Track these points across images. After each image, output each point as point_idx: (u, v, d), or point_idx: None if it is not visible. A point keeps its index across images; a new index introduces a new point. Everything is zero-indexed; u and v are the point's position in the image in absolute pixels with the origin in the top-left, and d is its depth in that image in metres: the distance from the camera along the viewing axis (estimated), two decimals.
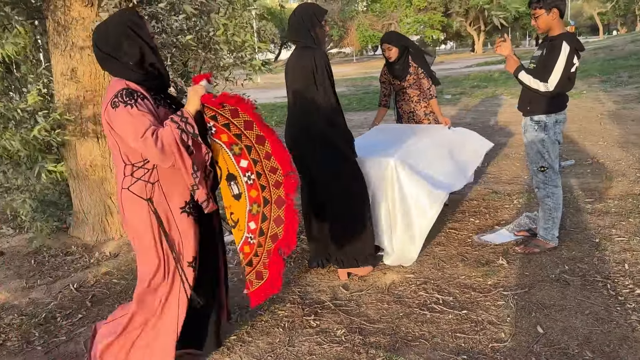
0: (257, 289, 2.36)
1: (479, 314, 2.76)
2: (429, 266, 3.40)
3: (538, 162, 3.37)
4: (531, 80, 3.20)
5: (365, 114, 10.73)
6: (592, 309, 2.72)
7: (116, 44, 2.10)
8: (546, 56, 3.20)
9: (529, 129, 3.38)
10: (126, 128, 2.03)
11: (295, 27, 3.12)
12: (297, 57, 3.10)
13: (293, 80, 3.10)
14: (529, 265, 3.28)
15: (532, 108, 3.32)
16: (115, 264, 3.79)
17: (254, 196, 2.29)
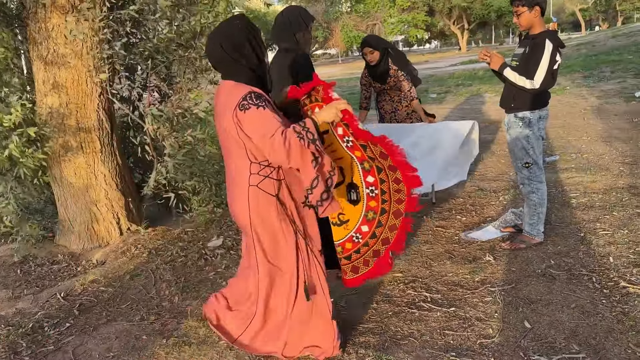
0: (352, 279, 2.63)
1: (467, 311, 2.79)
2: (417, 264, 3.42)
3: (522, 159, 3.40)
4: (517, 77, 3.23)
5: None
6: (578, 302, 2.75)
7: (240, 48, 2.18)
8: (529, 54, 3.23)
9: (512, 125, 3.41)
10: (257, 128, 2.11)
11: (280, 28, 3.10)
12: (279, 60, 3.08)
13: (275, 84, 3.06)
14: (515, 261, 3.31)
15: (516, 105, 3.35)
16: (103, 271, 3.76)
17: (373, 206, 2.53)
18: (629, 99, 8.76)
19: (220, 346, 2.66)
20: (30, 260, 4.09)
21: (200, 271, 3.62)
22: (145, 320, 3.02)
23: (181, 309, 3.11)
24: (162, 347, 2.70)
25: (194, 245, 4.03)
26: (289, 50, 3.06)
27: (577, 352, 2.35)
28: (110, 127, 4.18)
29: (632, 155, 5.38)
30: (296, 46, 3.07)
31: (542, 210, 3.45)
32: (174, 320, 2.98)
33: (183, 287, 3.40)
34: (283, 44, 3.11)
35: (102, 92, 4.03)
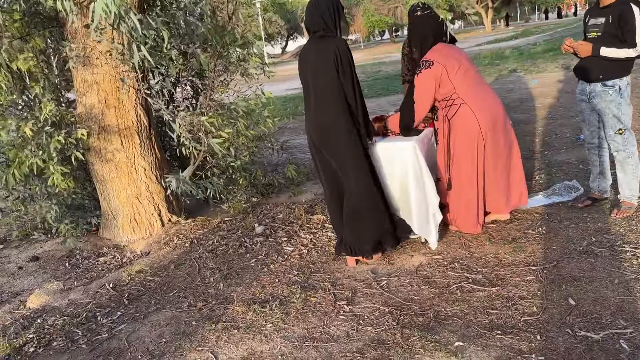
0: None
1: (509, 290, 2.80)
2: (456, 246, 3.43)
3: (615, 126, 3.40)
4: (618, 51, 3.22)
5: (377, 100, 10.71)
6: (622, 278, 2.74)
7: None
8: (618, 22, 3.20)
9: (601, 95, 3.39)
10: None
11: (320, 19, 3.03)
12: (317, 46, 3.05)
13: (315, 71, 3.05)
14: (555, 240, 3.29)
15: (606, 74, 3.34)
16: (148, 262, 3.89)
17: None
18: None
19: (267, 329, 2.74)
20: (77, 254, 4.25)
21: (242, 258, 3.71)
22: (193, 306, 3.13)
23: (227, 294, 3.21)
24: (212, 332, 2.79)
25: (233, 234, 4.13)
26: (326, 37, 3.03)
27: (624, 328, 2.34)
28: (147, 122, 4.29)
29: None
30: (337, 33, 3.06)
31: (639, 173, 3.48)
32: (221, 305, 3.08)
33: (227, 274, 3.49)
34: (320, 31, 3.05)
35: (138, 88, 4.13)
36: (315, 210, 4.40)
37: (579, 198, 3.86)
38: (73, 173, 4.22)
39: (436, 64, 3.30)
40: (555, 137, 5.69)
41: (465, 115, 3.30)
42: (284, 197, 4.94)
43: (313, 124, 3.15)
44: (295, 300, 3.01)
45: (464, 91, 3.31)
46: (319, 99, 3.07)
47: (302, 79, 3.17)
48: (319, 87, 3.05)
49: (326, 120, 3.07)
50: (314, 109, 3.11)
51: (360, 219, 3.20)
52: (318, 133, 3.12)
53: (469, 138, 3.32)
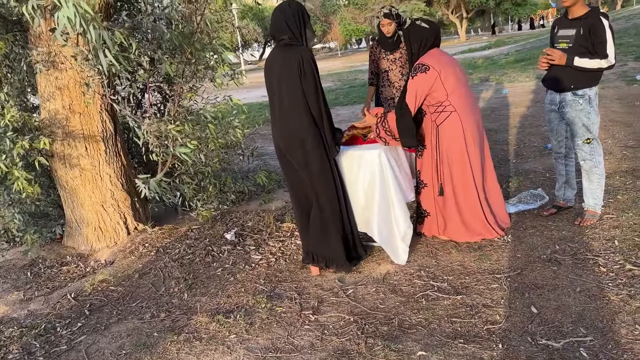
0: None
1: (473, 298, 2.81)
2: (423, 254, 3.44)
3: (584, 135, 3.45)
4: (591, 62, 3.28)
5: (352, 108, 10.75)
6: (584, 286, 2.77)
7: None
8: (589, 34, 3.27)
9: (571, 104, 3.43)
10: None
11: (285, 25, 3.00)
12: (282, 55, 3.01)
13: (279, 79, 3.01)
14: (520, 247, 3.33)
15: (577, 84, 3.39)
16: (112, 271, 3.80)
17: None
18: (630, 82, 8.73)
19: (230, 340, 2.70)
20: (40, 263, 4.13)
21: (208, 267, 3.65)
22: (156, 317, 3.06)
23: (191, 305, 3.15)
24: (174, 344, 2.74)
25: (200, 243, 4.06)
26: (292, 45, 2.99)
27: (584, 336, 2.37)
28: (113, 128, 4.21)
29: (635, 139, 5.37)
30: (301, 41, 3.02)
31: (603, 183, 3.54)
32: (184, 316, 3.02)
33: (192, 284, 3.43)
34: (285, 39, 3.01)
35: (104, 94, 4.05)
36: (285, 218, 4.37)
37: (544, 206, 3.91)
38: (37, 179, 4.11)
39: (432, 69, 3.27)
40: (523, 146, 5.78)
41: (454, 123, 3.32)
42: (254, 205, 4.90)
43: (279, 132, 3.12)
44: (260, 310, 2.97)
45: (456, 100, 3.33)
46: (284, 108, 3.04)
47: (268, 87, 3.13)
48: (283, 95, 3.02)
49: (291, 128, 3.04)
50: (280, 117, 3.09)
51: (325, 232, 3.19)
52: (285, 141, 3.09)
53: (459, 144, 3.36)
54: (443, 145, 3.38)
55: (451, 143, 3.36)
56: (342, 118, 9.41)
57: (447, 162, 3.39)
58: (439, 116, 3.36)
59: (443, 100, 3.32)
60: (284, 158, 3.17)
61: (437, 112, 3.36)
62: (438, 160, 3.43)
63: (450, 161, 3.39)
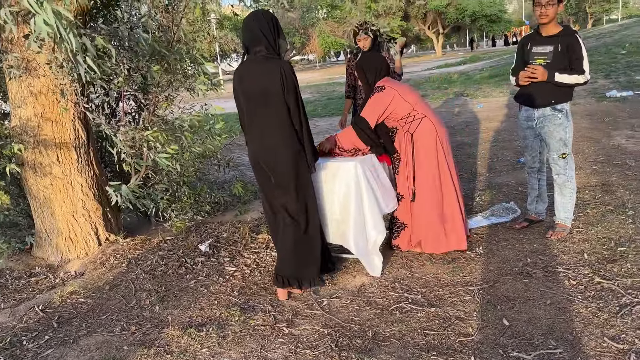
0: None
1: (446, 311, 2.83)
2: (398, 266, 3.45)
3: (560, 150, 3.52)
4: (570, 78, 3.37)
5: (330, 120, 10.80)
6: (555, 299, 2.81)
7: None
8: (567, 51, 3.36)
9: (551, 118, 3.50)
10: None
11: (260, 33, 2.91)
12: (262, 67, 2.90)
13: (261, 92, 2.90)
14: (493, 260, 3.36)
15: (556, 99, 3.46)
16: (82, 282, 3.71)
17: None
18: (600, 99, 8.97)
19: (202, 354, 2.65)
20: (7, 274, 4.01)
21: (181, 279, 3.60)
22: (126, 330, 3.00)
23: (162, 317, 3.09)
24: (144, 357, 2.68)
25: (173, 254, 4.01)
26: (270, 58, 2.91)
27: (554, 348, 2.40)
28: (86, 137, 4.14)
29: (604, 154, 5.51)
30: (276, 53, 2.95)
31: (575, 197, 3.62)
32: (155, 329, 2.96)
33: (164, 296, 3.38)
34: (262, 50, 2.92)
35: (77, 102, 3.99)
36: (260, 230, 4.35)
37: (516, 219, 3.97)
38: (6, 188, 4.01)
39: (388, 89, 3.44)
40: (496, 160, 5.87)
41: (427, 126, 3.41)
42: (229, 216, 4.86)
43: (260, 147, 3.00)
44: (233, 323, 2.94)
45: (422, 108, 3.46)
46: (265, 122, 2.94)
47: (244, 101, 2.99)
48: (264, 109, 2.92)
49: (274, 143, 2.95)
50: (260, 132, 2.98)
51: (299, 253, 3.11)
52: (266, 157, 2.98)
53: (433, 147, 3.42)
54: (419, 150, 3.43)
55: (428, 145, 3.41)
56: (320, 130, 9.45)
57: (425, 165, 3.43)
58: (411, 125, 3.44)
59: (410, 111, 3.43)
60: (262, 173, 3.07)
61: (409, 123, 3.44)
62: (414, 167, 3.46)
63: (428, 164, 3.42)
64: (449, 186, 3.47)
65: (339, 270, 3.46)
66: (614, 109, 8.05)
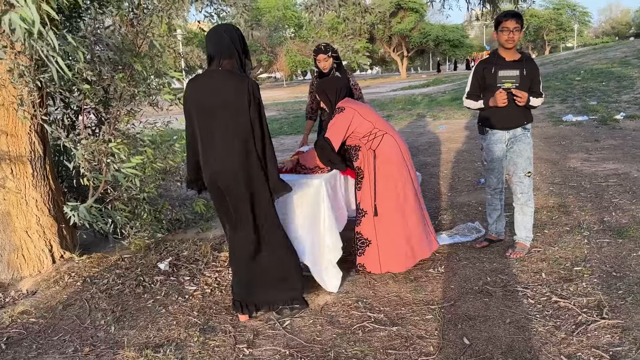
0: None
1: (408, 330, 2.83)
2: (361, 285, 3.45)
3: (527, 168, 3.64)
4: (537, 100, 3.56)
5: (296, 138, 10.81)
6: (514, 317, 2.85)
7: None
8: (532, 74, 3.54)
9: (522, 137, 3.63)
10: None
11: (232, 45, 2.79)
12: (225, 82, 2.77)
13: (224, 109, 2.76)
14: (454, 279, 3.40)
15: (527, 119, 3.64)
16: (33, 302, 3.56)
17: None
18: (556, 122, 9.30)
19: None
20: None
21: (138, 299, 3.49)
22: (79, 351, 2.87)
23: (117, 338, 2.98)
24: None
25: (131, 272, 3.89)
26: (234, 73, 2.81)
27: None
28: (43, 151, 4.01)
29: (561, 176, 5.69)
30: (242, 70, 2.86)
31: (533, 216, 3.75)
32: (110, 350, 2.85)
33: (120, 316, 3.26)
34: (226, 64, 2.81)
35: (35, 115, 3.87)
36: (222, 248, 4.27)
37: (479, 239, 4.03)
38: None
39: (348, 109, 3.49)
40: (458, 180, 5.98)
41: (389, 142, 3.46)
42: (191, 233, 4.77)
43: (220, 169, 2.83)
44: (192, 344, 2.86)
45: (382, 126, 3.52)
46: (226, 142, 2.79)
47: (201, 116, 2.82)
48: (226, 127, 2.77)
49: (236, 165, 2.80)
50: (220, 153, 2.81)
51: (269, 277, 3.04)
52: (225, 178, 2.83)
53: (396, 162, 3.45)
54: (381, 165, 3.44)
55: (390, 160, 3.44)
56: (286, 147, 9.44)
57: (387, 180, 3.43)
58: (373, 142, 3.47)
59: (371, 129, 3.48)
60: (220, 195, 2.91)
61: (370, 140, 3.47)
62: (375, 181, 3.46)
63: (391, 178, 3.44)
64: (413, 200, 3.50)
65: None
66: (570, 132, 8.36)
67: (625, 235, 3.84)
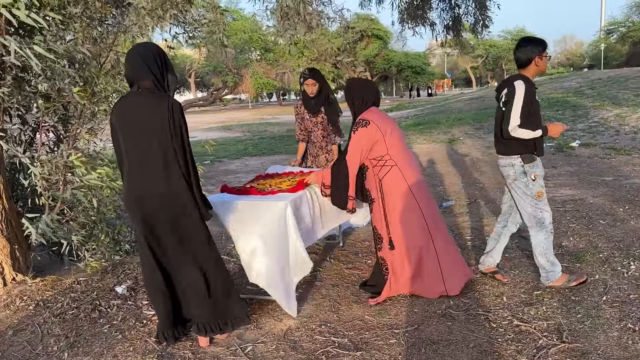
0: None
1: (372, 354, 2.80)
2: (325, 308, 3.41)
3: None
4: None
5: (261, 159, 10.79)
6: (477, 341, 2.87)
7: None
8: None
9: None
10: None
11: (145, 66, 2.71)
12: (145, 102, 2.71)
13: (144, 131, 2.68)
14: (417, 302, 3.40)
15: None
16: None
17: None
18: None
19: None
20: None
21: (94, 324, 3.35)
22: None
23: None
24: None
25: (87, 296, 3.74)
26: (156, 94, 2.74)
27: None
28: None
29: None
30: (165, 89, 2.79)
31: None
32: None
33: (74, 342, 3.12)
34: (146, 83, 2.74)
35: None
36: None
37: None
38: None
39: (372, 124, 3.35)
40: None
41: (396, 176, 3.36)
42: None
43: (140, 190, 2.74)
44: None
45: (395, 153, 3.38)
46: (147, 163, 2.71)
47: (123, 138, 2.74)
48: (146, 149, 2.69)
49: (162, 189, 2.71)
50: (141, 175, 2.73)
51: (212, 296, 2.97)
52: (146, 201, 2.74)
53: (402, 195, 3.35)
54: (388, 199, 3.39)
55: (396, 197, 3.37)
56: (251, 168, 9.40)
57: (396, 215, 3.37)
58: (380, 170, 3.40)
59: (383, 154, 3.37)
60: (143, 222, 2.79)
61: (379, 166, 3.40)
62: (386, 213, 3.41)
63: (396, 212, 3.37)
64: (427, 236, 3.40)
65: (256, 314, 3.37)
66: None
67: (582, 259, 3.95)
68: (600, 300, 3.26)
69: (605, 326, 2.93)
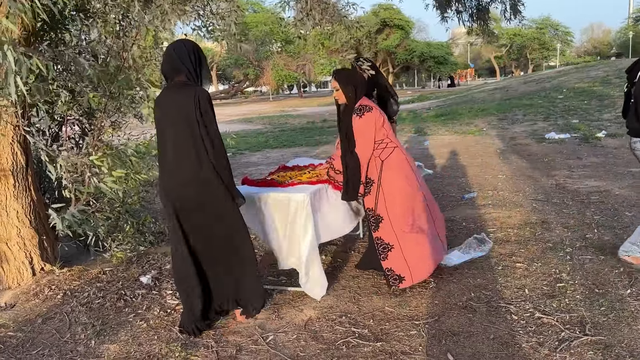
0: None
1: (392, 345, 2.82)
2: (345, 300, 3.43)
3: None
4: None
5: (282, 151, 10.83)
6: (497, 333, 2.86)
7: None
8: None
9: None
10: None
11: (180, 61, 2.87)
12: (177, 94, 2.84)
13: (174, 121, 2.83)
14: (438, 294, 3.40)
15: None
16: (12, 315, 3.48)
17: None
18: (539, 140, 9.43)
19: None
20: None
21: (119, 313, 3.43)
22: None
23: (98, 353, 2.93)
24: None
25: (112, 286, 3.83)
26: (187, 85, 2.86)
27: None
28: (25, 161, 3.96)
29: (544, 193, 5.75)
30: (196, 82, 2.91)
31: None
32: None
33: (100, 330, 3.21)
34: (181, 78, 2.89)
35: (17, 125, 3.82)
36: None
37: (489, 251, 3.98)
38: None
39: (375, 109, 3.50)
40: (442, 195, 6.02)
41: (398, 157, 3.49)
42: None
43: (173, 180, 2.88)
44: (173, 359, 2.81)
45: (393, 138, 3.55)
46: (179, 153, 2.84)
47: (159, 131, 2.93)
48: (178, 139, 2.82)
49: (187, 176, 2.84)
50: (174, 164, 2.87)
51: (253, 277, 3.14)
52: (179, 191, 2.87)
53: (407, 175, 3.49)
54: (387, 179, 3.45)
55: (398, 176, 3.47)
56: (271, 160, 9.45)
57: (394, 195, 3.46)
58: (382, 152, 3.49)
59: (384, 138, 3.50)
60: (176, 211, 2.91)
61: (381, 149, 3.49)
62: (384, 194, 3.48)
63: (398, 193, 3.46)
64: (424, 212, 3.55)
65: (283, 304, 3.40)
66: (552, 150, 8.48)
67: (607, 252, 3.89)
68: (625, 293, 3.21)
69: (630, 319, 2.89)
